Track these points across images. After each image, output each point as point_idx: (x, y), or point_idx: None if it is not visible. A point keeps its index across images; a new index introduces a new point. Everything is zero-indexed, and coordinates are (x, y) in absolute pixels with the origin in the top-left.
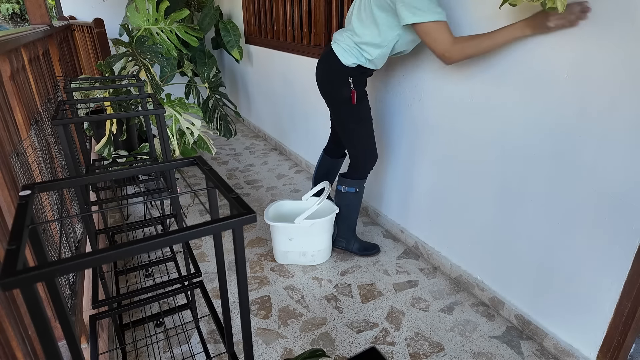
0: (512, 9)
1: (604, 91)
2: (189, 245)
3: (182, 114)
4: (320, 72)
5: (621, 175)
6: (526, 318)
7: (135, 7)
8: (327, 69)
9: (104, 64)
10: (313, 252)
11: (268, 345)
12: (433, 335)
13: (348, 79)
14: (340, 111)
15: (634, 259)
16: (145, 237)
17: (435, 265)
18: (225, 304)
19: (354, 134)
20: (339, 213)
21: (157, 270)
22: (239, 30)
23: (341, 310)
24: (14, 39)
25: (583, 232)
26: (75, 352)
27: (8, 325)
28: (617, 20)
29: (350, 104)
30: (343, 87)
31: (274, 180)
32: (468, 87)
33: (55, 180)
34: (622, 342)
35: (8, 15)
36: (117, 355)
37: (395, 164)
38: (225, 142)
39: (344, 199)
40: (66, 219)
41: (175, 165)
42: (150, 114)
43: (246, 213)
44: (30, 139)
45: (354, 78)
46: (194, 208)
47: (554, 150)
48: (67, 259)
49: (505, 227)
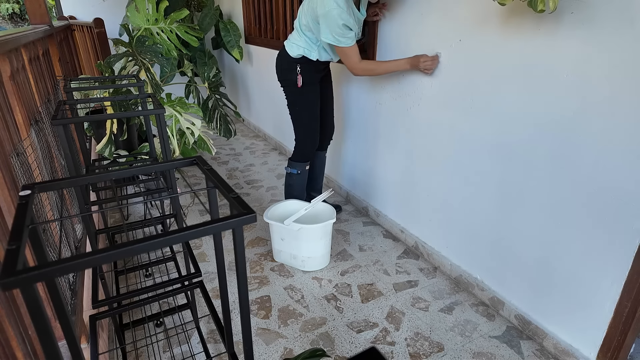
0: (501, 10)
1: (604, 91)
2: (189, 245)
3: (182, 114)
4: (277, 63)
5: (621, 175)
6: (526, 318)
7: (135, 7)
8: (280, 60)
9: (104, 64)
10: (303, 257)
11: (268, 345)
12: (433, 335)
13: (296, 65)
14: (288, 93)
15: (634, 259)
16: (145, 237)
17: (435, 265)
18: (225, 304)
19: (298, 117)
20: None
21: (157, 270)
22: (239, 30)
23: (341, 310)
24: (14, 39)
25: (583, 232)
26: (75, 352)
27: (8, 325)
28: (617, 20)
29: (296, 87)
30: (291, 72)
31: (274, 180)
32: (468, 88)
33: (55, 180)
34: (622, 342)
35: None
36: (117, 355)
37: (396, 163)
38: (225, 142)
39: (287, 178)
40: (66, 219)
41: (175, 165)
42: (150, 114)
43: (246, 213)
44: (30, 139)
45: (300, 65)
46: (194, 208)
47: (554, 150)
48: (67, 259)
49: (506, 227)
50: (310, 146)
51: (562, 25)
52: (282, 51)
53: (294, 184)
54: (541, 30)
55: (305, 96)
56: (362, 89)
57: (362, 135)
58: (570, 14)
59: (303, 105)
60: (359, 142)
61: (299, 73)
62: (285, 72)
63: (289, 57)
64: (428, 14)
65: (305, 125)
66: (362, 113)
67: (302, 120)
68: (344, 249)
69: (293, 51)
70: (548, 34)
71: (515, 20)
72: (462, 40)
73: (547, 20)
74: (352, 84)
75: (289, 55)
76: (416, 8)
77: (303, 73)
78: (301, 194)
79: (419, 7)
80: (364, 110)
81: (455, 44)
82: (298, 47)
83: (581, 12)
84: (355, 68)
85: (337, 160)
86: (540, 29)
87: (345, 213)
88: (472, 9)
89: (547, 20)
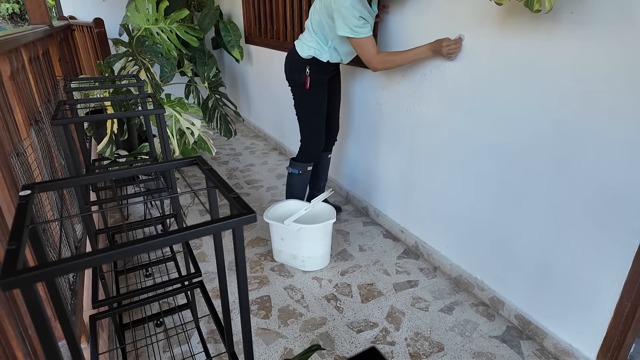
0: (499, 9)
1: (604, 91)
2: (189, 245)
3: (182, 114)
4: (286, 62)
5: (621, 175)
6: (526, 318)
7: (135, 7)
8: (289, 59)
9: (103, 64)
10: (303, 257)
11: (268, 345)
12: (433, 335)
13: (305, 67)
14: (295, 93)
15: (634, 259)
16: (145, 237)
17: (435, 265)
18: (225, 304)
19: (304, 118)
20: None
21: (157, 270)
22: (239, 30)
23: (341, 310)
24: (14, 39)
25: (583, 232)
26: (75, 352)
27: (8, 325)
28: (617, 21)
29: (304, 88)
30: (300, 73)
31: (274, 180)
32: (468, 88)
33: (55, 180)
34: (622, 342)
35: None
36: (117, 355)
37: (396, 163)
38: (225, 142)
39: (289, 178)
40: (66, 219)
41: (175, 165)
42: (150, 114)
43: (246, 213)
44: (30, 138)
45: (310, 66)
46: (194, 208)
47: (553, 150)
48: (67, 259)
49: (505, 226)
50: (315, 147)
51: (561, 25)
52: (292, 51)
53: (295, 184)
54: (540, 30)
55: (312, 98)
56: (363, 89)
57: (362, 135)
58: (570, 14)
59: (309, 106)
60: (359, 142)
61: (308, 75)
62: (294, 72)
63: (299, 58)
64: (428, 13)
65: (311, 126)
66: (363, 113)
67: (308, 121)
68: (344, 249)
69: (304, 52)
70: (547, 33)
71: (513, 20)
72: (462, 38)
73: (546, 20)
74: (352, 84)
75: (300, 55)
76: (416, 8)
77: (312, 74)
78: (302, 194)
79: (419, 7)
80: (364, 110)
81: None
82: (309, 48)
83: (581, 12)
84: (374, 61)
85: (337, 160)
86: (539, 29)
87: (345, 213)
88: (471, 8)
89: (546, 20)
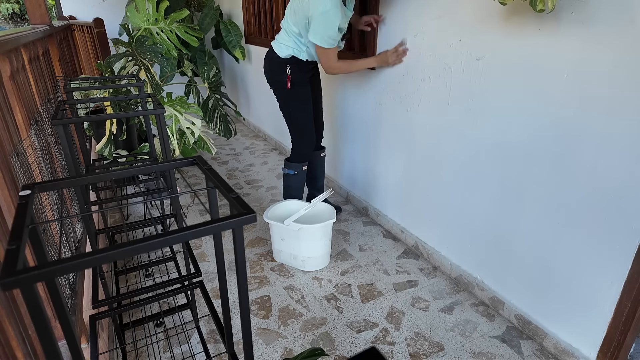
0: (502, 9)
1: (604, 91)
2: (189, 245)
3: (182, 114)
4: (265, 65)
5: (621, 175)
6: (526, 318)
7: (135, 7)
8: (268, 61)
9: (103, 64)
10: (303, 257)
11: (268, 345)
12: (433, 335)
13: (285, 66)
14: (279, 95)
15: (634, 259)
16: (145, 237)
17: (435, 265)
18: (225, 304)
19: (292, 118)
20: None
21: (157, 270)
22: (240, 30)
23: (341, 310)
24: (14, 39)
25: (583, 232)
26: (75, 352)
27: (8, 325)
28: (617, 21)
29: (286, 88)
30: (281, 74)
31: (274, 180)
32: (468, 87)
33: (55, 180)
34: (622, 342)
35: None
36: (117, 355)
37: (396, 164)
38: (225, 142)
39: (285, 179)
40: (66, 219)
41: (175, 165)
42: (150, 114)
43: (246, 213)
44: (30, 138)
45: (290, 66)
46: (194, 208)
47: (553, 150)
48: (67, 259)
49: (505, 226)
50: (308, 146)
51: (562, 25)
52: (271, 52)
53: (291, 184)
54: (542, 30)
55: (297, 97)
56: (363, 89)
57: (362, 135)
58: (570, 14)
59: (296, 106)
60: (359, 142)
61: (289, 74)
62: (275, 74)
63: (279, 58)
64: (428, 13)
65: (301, 126)
66: (363, 113)
67: (297, 121)
68: (344, 249)
69: (282, 52)
70: (549, 33)
71: (516, 20)
72: (461, 40)
73: (548, 20)
74: (352, 85)
75: (278, 56)
76: (416, 8)
77: (293, 73)
78: (300, 194)
79: (419, 7)
80: (364, 110)
81: (455, 43)
82: (287, 47)
83: (581, 12)
84: (332, 67)
85: (337, 160)
86: (541, 29)
87: (345, 213)
88: (473, 8)
89: (548, 20)
